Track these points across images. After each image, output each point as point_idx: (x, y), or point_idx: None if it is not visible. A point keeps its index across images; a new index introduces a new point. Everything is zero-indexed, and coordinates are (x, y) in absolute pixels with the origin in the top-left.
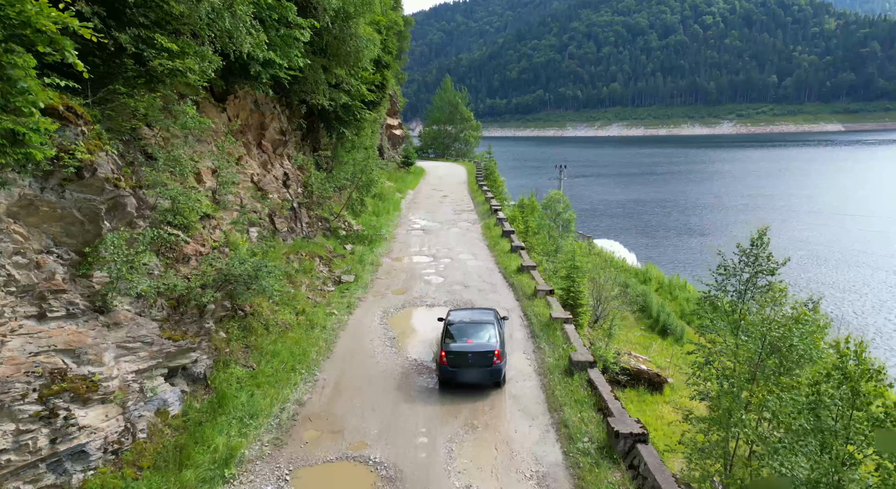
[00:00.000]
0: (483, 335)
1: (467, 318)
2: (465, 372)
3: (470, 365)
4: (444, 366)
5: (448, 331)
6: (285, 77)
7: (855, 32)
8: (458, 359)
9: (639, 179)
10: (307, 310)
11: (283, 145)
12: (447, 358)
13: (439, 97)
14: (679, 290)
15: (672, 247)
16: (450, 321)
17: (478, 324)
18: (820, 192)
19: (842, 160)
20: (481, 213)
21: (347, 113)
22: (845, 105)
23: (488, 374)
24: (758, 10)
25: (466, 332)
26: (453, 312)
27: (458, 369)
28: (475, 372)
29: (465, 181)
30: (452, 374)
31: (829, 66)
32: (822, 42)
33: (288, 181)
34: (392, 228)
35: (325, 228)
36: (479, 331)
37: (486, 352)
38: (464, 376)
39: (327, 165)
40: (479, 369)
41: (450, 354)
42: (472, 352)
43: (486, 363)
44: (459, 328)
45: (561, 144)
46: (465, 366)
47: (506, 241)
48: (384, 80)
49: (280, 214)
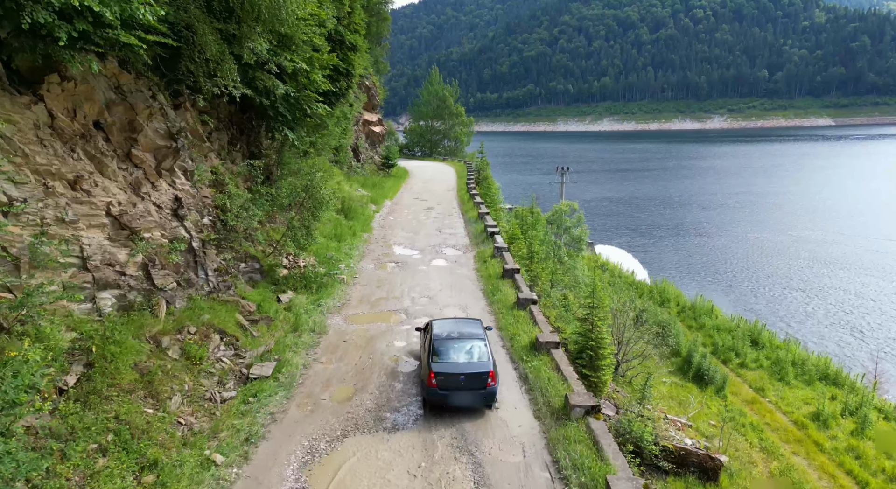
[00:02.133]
0: (474, 352)
1: (455, 332)
2: (457, 395)
3: (462, 387)
4: (432, 389)
5: (434, 347)
6: (139, 45)
7: (845, 26)
8: (450, 381)
9: (631, 176)
10: (162, 464)
11: (174, 155)
12: (437, 379)
13: (426, 90)
14: (705, 316)
15: (674, 251)
16: (435, 335)
17: (466, 340)
18: (815, 188)
19: (834, 156)
20: (474, 235)
21: (293, 107)
22: (835, 99)
23: (482, 398)
24: (748, 3)
25: (455, 349)
26: (437, 323)
27: (449, 392)
28: (468, 395)
29: (454, 187)
30: (443, 398)
31: (820, 60)
32: (813, 36)
33: (181, 209)
34: (356, 260)
35: (255, 270)
36: (469, 347)
37: (480, 374)
38: (455, 400)
39: (269, 178)
40: (473, 392)
41: (440, 376)
42: (466, 374)
43: (481, 385)
44: (447, 343)
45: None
46: (456, 389)
47: (508, 285)
48: (350, 67)
49: (165, 262)
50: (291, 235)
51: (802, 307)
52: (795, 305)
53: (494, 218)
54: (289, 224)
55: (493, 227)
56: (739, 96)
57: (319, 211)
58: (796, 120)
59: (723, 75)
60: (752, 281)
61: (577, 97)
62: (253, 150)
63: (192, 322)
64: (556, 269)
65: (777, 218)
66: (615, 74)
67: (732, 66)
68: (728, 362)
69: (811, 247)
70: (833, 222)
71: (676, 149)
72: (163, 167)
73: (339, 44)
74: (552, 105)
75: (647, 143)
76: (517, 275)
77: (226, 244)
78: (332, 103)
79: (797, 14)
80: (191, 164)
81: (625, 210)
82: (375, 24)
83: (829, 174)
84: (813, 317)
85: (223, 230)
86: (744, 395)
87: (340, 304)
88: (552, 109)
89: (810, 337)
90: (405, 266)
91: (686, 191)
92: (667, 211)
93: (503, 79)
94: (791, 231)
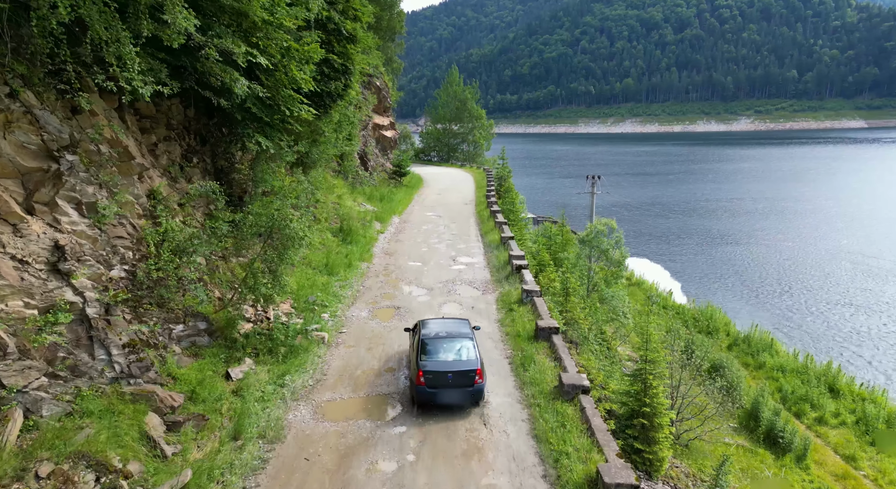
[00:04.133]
0: (462, 351)
1: (443, 332)
2: (445, 393)
3: (450, 385)
4: (421, 387)
5: (423, 347)
6: None
7: (878, 26)
8: (438, 380)
9: (655, 179)
10: None
11: (56, 181)
12: (425, 377)
13: (444, 91)
14: (765, 352)
15: (704, 261)
16: (424, 334)
17: (455, 339)
18: (850, 194)
19: (867, 159)
20: (496, 267)
21: (269, 110)
22: (868, 101)
23: (469, 395)
24: (776, 3)
25: (444, 348)
26: (426, 323)
27: (437, 390)
28: (456, 393)
29: (471, 199)
30: (431, 396)
31: (852, 60)
32: (844, 36)
33: (64, 261)
34: (347, 303)
35: (199, 333)
36: (457, 346)
37: (468, 371)
38: (444, 397)
39: (241, 200)
40: (461, 390)
41: (428, 374)
42: (453, 372)
43: (468, 383)
44: (435, 343)
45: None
46: (444, 387)
47: (543, 352)
48: (348, 62)
49: (27, 347)
50: (250, 284)
51: (867, 337)
52: (855, 331)
53: (519, 239)
54: (248, 270)
55: (520, 260)
56: (767, 97)
57: (288, 252)
58: (827, 122)
59: (750, 76)
60: (795, 298)
61: (599, 98)
62: (222, 165)
63: (50, 451)
64: (595, 307)
65: (813, 225)
66: (638, 75)
67: (760, 67)
68: (802, 415)
69: (854, 258)
70: (872, 230)
71: (702, 151)
72: (35, 201)
73: (334, 34)
74: (573, 106)
75: (671, 145)
76: (556, 339)
77: (148, 302)
78: (325, 105)
79: (828, 13)
80: (95, 192)
81: (648, 216)
82: (388, 17)
83: (863, 178)
84: (879, 344)
85: (148, 282)
86: (831, 466)
87: (313, 382)
88: (573, 111)
89: (879, 370)
90: (408, 313)
91: (713, 196)
92: (693, 217)
93: (523, 80)
94: (828, 240)
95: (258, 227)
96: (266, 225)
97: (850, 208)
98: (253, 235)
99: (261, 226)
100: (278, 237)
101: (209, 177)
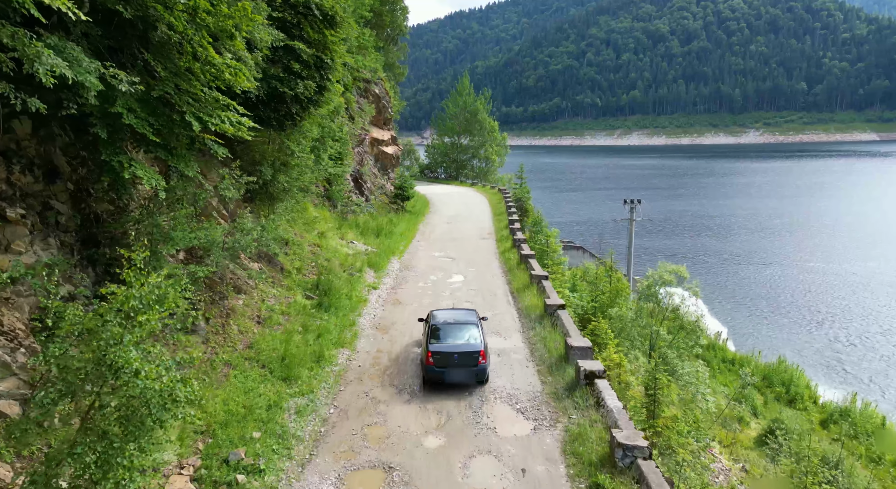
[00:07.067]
0: (467, 335)
1: (451, 319)
2: (452, 372)
3: (456, 365)
4: (430, 367)
5: (433, 332)
6: None
7: (888, 38)
8: (445, 360)
9: (665, 193)
10: None
11: None
12: (434, 358)
13: (453, 101)
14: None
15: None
16: (434, 322)
17: (462, 325)
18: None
19: (884, 172)
20: (547, 365)
21: (166, 121)
22: (879, 113)
23: (473, 374)
24: (784, 15)
25: (451, 333)
26: (436, 312)
27: (444, 369)
28: (461, 372)
29: (489, 230)
30: (439, 375)
31: (862, 72)
32: (854, 48)
33: None
34: (296, 463)
35: None
36: (463, 331)
37: (472, 353)
38: (451, 376)
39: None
40: (466, 369)
41: (436, 355)
42: (459, 353)
43: (472, 363)
44: (444, 329)
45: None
46: (451, 366)
47: None
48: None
49: None
50: None
51: None
52: None
53: (558, 287)
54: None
55: (588, 358)
56: (776, 110)
57: (138, 433)
58: (838, 135)
59: (758, 88)
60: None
61: (605, 110)
62: (95, 213)
63: None
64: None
65: (836, 245)
66: (644, 87)
67: (769, 79)
68: None
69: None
70: None
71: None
72: None
73: (304, 15)
74: (579, 118)
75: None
76: None
77: None
78: (290, 115)
79: (836, 26)
80: None
81: (662, 233)
82: (389, 14)
83: (881, 194)
84: None
85: None
86: None
87: None
88: (579, 123)
89: None
90: (409, 483)
91: (726, 211)
92: (709, 235)
93: (529, 92)
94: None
95: (67, 387)
96: (85, 380)
97: (880, 225)
98: (61, 400)
99: (77, 381)
100: (117, 404)
101: (59, 238)
